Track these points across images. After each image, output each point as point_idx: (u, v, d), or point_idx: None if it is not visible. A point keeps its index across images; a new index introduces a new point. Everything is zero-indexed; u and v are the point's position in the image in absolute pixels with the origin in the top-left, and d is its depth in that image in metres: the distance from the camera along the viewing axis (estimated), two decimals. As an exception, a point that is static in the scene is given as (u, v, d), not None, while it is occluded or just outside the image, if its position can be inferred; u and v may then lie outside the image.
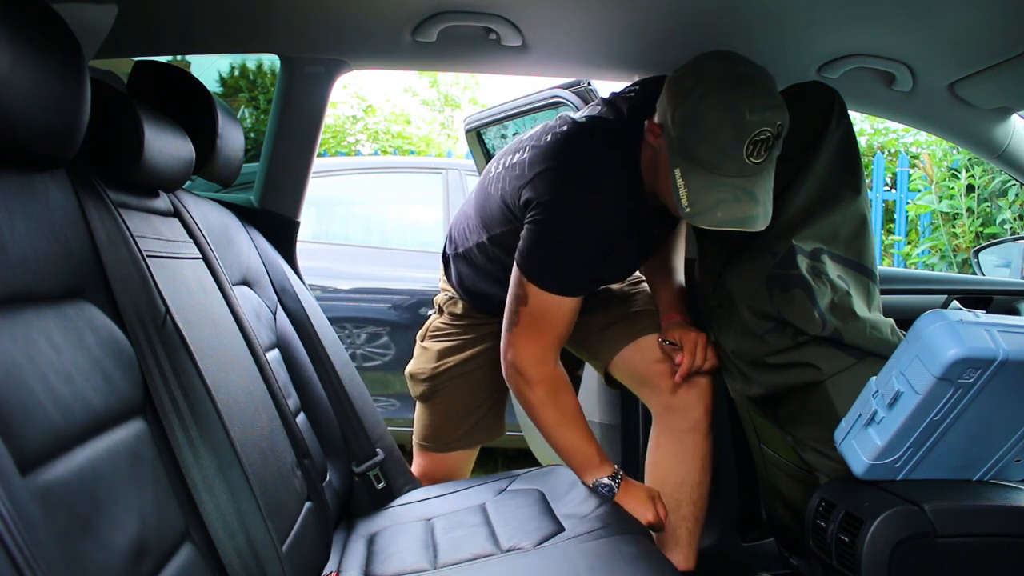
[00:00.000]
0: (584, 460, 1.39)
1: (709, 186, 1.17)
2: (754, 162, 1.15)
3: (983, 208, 4.54)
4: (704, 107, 1.15)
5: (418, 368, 1.70)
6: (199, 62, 4.29)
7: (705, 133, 1.15)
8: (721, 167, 1.15)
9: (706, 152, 1.15)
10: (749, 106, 1.13)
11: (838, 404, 1.21)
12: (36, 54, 0.70)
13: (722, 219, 1.17)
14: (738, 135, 1.13)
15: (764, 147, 1.14)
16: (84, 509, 0.66)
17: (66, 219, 0.79)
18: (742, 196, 1.16)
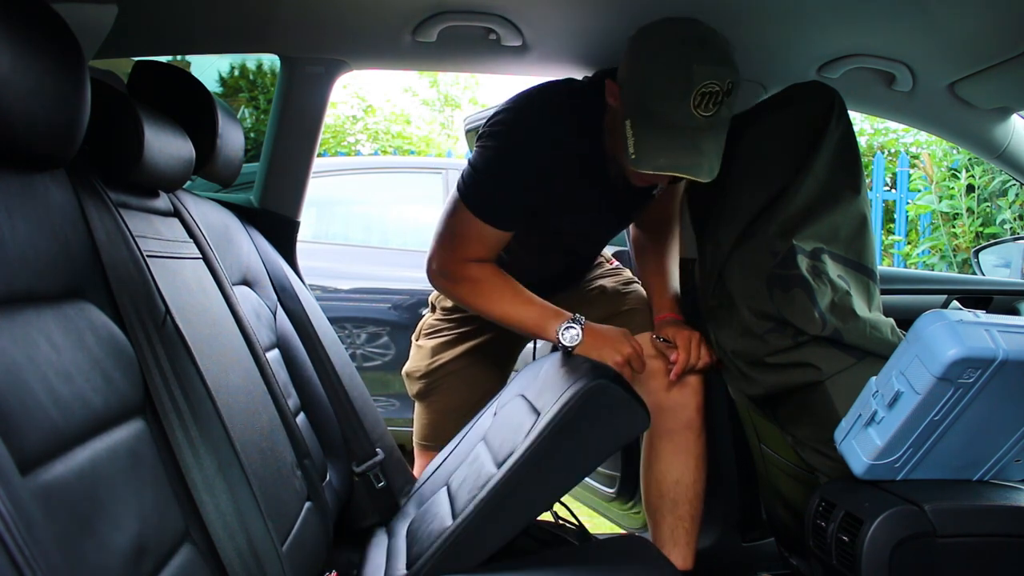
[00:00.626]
0: (537, 318, 1.40)
1: (656, 134, 1.21)
2: (702, 115, 1.19)
3: (983, 208, 4.54)
4: (655, 60, 1.21)
5: (414, 366, 1.71)
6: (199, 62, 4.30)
7: (654, 84, 1.21)
8: (669, 117, 1.20)
9: (654, 102, 1.21)
10: (697, 59, 1.18)
11: (838, 404, 1.21)
12: (36, 54, 0.70)
13: (664, 164, 1.22)
14: (685, 85, 1.18)
15: (712, 101, 1.19)
16: (84, 509, 0.66)
17: (66, 219, 0.79)
18: (688, 145, 1.21)
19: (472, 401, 1.69)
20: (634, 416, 1.12)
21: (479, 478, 1.15)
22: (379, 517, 1.48)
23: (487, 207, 1.39)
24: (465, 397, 1.69)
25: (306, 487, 1.20)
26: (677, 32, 1.23)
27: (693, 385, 1.50)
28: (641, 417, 1.12)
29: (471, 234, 1.40)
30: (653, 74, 1.21)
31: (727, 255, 1.37)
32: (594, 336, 1.39)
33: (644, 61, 1.23)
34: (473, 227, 1.40)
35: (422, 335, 1.75)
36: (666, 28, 1.24)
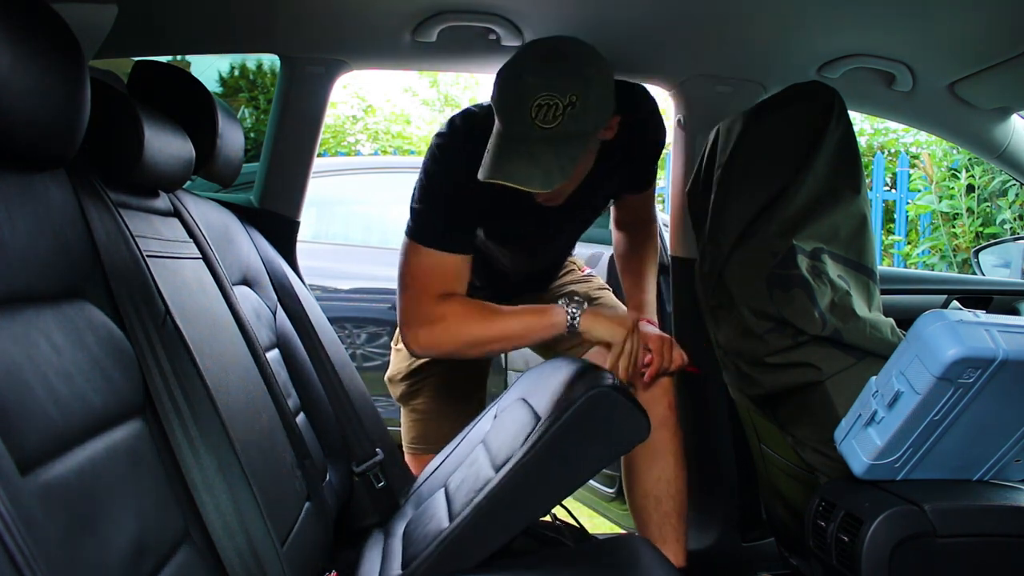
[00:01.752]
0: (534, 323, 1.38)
1: (498, 146, 1.24)
2: (541, 126, 1.20)
3: (983, 208, 4.54)
4: (499, 79, 1.26)
5: (395, 370, 1.72)
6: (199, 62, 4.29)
7: (499, 98, 1.25)
8: (510, 129, 1.23)
9: (501, 116, 1.24)
10: (532, 71, 1.21)
11: (838, 404, 1.21)
12: (36, 54, 0.70)
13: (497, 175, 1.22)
14: (520, 96, 1.21)
15: (552, 113, 1.20)
16: (84, 508, 0.66)
17: (66, 219, 0.79)
18: (522, 157, 1.22)
19: (452, 404, 1.70)
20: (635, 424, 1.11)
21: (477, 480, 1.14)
22: (379, 517, 1.48)
23: (435, 234, 1.38)
24: (447, 399, 1.70)
25: (306, 487, 1.20)
26: (527, 51, 1.27)
27: (664, 384, 1.49)
28: (642, 426, 1.11)
29: (432, 269, 1.39)
30: (497, 88, 1.26)
31: (727, 255, 1.37)
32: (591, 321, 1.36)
33: (496, 82, 1.27)
34: (431, 260, 1.38)
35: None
36: (522, 51, 1.28)
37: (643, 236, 1.70)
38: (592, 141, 1.29)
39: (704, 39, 1.59)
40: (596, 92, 1.23)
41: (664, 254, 2.00)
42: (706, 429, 1.67)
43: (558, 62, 1.22)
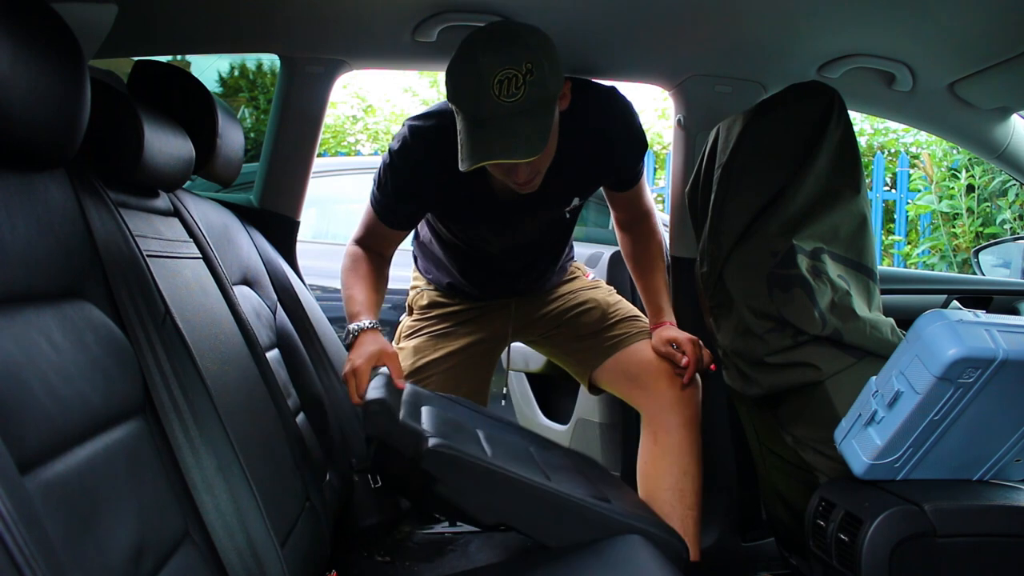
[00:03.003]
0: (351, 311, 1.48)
1: (475, 133, 1.27)
2: (508, 100, 1.24)
3: (983, 208, 4.54)
4: (452, 69, 1.28)
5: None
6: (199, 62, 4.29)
7: (458, 87, 1.28)
8: (479, 112, 1.26)
9: (464, 104, 1.27)
10: (483, 51, 1.24)
11: (838, 404, 1.21)
12: (36, 54, 0.70)
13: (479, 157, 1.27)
14: (478, 80, 1.24)
15: (514, 84, 1.23)
16: (84, 508, 0.66)
17: (66, 218, 0.79)
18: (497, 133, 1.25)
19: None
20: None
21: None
22: (380, 516, 1.48)
23: (381, 209, 1.55)
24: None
25: (306, 487, 1.20)
26: (470, 37, 1.29)
27: (697, 384, 1.59)
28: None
29: (373, 226, 1.57)
30: (453, 78, 1.28)
31: (727, 255, 1.37)
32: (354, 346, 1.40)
33: (448, 70, 1.30)
34: (371, 216, 1.57)
35: (402, 338, 1.77)
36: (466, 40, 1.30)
37: (645, 234, 1.71)
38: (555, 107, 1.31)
39: (704, 39, 1.59)
40: (547, 55, 1.27)
41: (664, 254, 2.00)
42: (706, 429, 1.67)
43: (503, 38, 1.26)
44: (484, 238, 1.62)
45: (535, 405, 2.43)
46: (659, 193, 4.90)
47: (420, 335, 1.73)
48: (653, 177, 5.64)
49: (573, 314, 1.73)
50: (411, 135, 1.47)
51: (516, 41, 1.25)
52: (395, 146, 1.49)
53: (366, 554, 1.41)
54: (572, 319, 1.73)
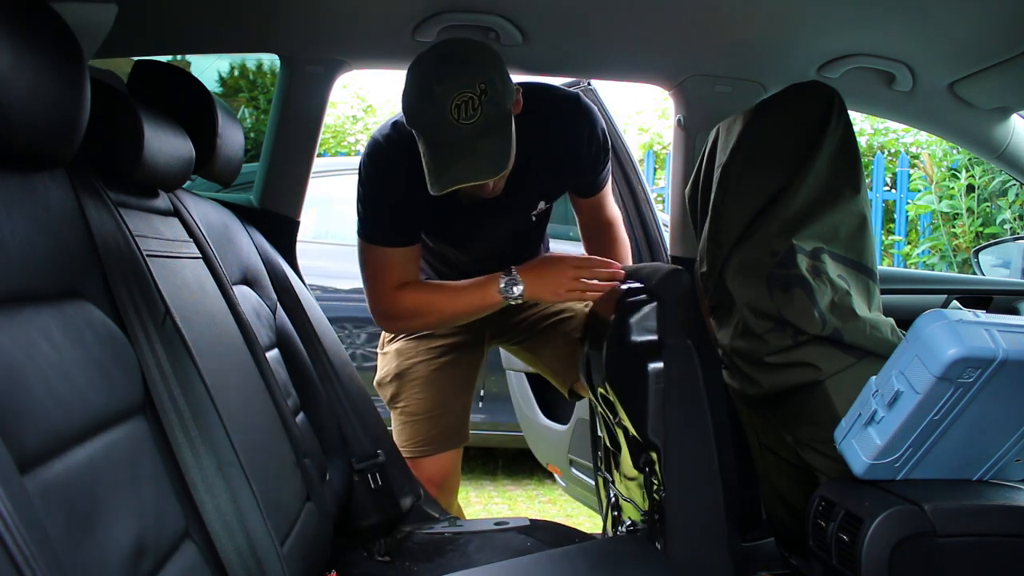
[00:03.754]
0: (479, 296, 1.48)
1: (440, 157, 1.29)
2: (467, 123, 1.26)
3: (983, 208, 4.54)
4: (408, 95, 1.30)
5: (383, 374, 1.73)
6: (199, 62, 4.29)
7: (416, 115, 1.30)
8: (440, 136, 1.28)
9: (424, 130, 1.30)
10: (438, 77, 1.26)
11: (838, 404, 1.21)
12: (36, 54, 0.70)
13: (448, 180, 1.29)
14: (436, 106, 1.25)
15: (470, 107, 1.25)
16: (84, 508, 0.66)
17: (65, 218, 0.79)
18: (463, 155, 1.27)
19: (441, 404, 1.71)
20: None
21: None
22: (380, 517, 1.48)
23: (381, 233, 1.50)
24: (429, 404, 1.71)
25: (306, 487, 1.20)
26: (420, 61, 1.31)
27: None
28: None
29: (382, 263, 1.51)
30: (410, 107, 1.30)
31: (727, 255, 1.37)
32: (533, 279, 1.45)
33: (404, 98, 1.31)
34: (379, 256, 1.51)
35: (385, 343, 1.78)
36: (417, 60, 1.32)
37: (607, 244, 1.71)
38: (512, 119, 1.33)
39: (704, 39, 1.59)
40: (497, 71, 1.30)
41: (664, 254, 2.00)
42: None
43: (453, 62, 1.28)
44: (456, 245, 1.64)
45: (535, 405, 2.43)
46: (659, 193, 4.90)
47: (401, 339, 1.74)
48: (653, 177, 5.64)
49: (551, 322, 1.75)
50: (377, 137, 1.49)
51: (467, 64, 1.27)
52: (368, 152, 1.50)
53: (366, 554, 1.41)
54: (550, 327, 1.75)
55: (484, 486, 3.40)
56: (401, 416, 1.72)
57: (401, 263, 1.52)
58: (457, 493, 1.86)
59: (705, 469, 1.22)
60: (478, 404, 3.18)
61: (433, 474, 1.71)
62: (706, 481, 1.21)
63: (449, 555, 1.38)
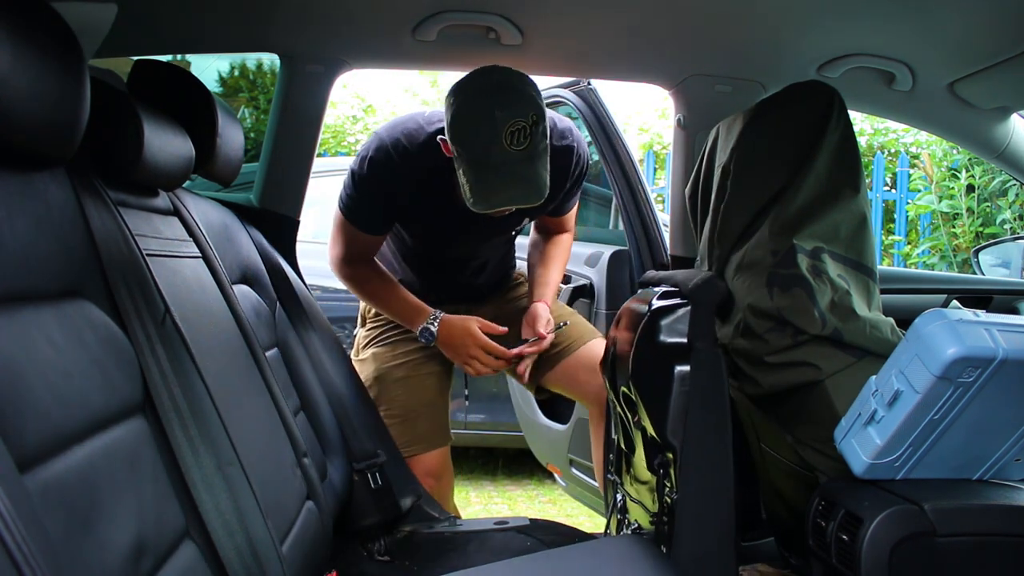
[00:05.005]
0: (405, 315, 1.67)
1: (483, 177, 1.38)
2: (516, 149, 1.35)
3: (983, 208, 4.54)
4: (464, 112, 1.38)
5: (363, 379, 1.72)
6: (199, 62, 4.29)
7: (470, 134, 1.37)
8: (488, 158, 1.36)
9: (474, 149, 1.37)
10: (498, 104, 1.35)
11: (838, 403, 1.21)
12: (36, 53, 0.70)
13: (496, 202, 1.40)
14: (492, 128, 1.34)
15: (522, 135, 1.35)
16: (83, 507, 0.66)
17: (65, 217, 0.79)
18: (512, 180, 1.37)
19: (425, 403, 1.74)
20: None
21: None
22: (380, 516, 1.48)
23: (358, 218, 1.61)
24: (418, 400, 1.73)
25: (306, 486, 1.20)
26: (478, 84, 1.40)
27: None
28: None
29: (352, 238, 1.64)
30: (465, 127, 1.38)
31: (727, 255, 1.37)
32: (444, 336, 1.64)
33: (457, 117, 1.39)
34: (352, 232, 1.63)
35: (360, 349, 1.81)
36: (467, 82, 1.41)
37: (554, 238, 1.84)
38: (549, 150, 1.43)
39: (703, 39, 1.59)
40: (543, 104, 1.40)
41: (664, 253, 2.00)
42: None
43: (512, 91, 1.38)
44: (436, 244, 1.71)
45: (535, 405, 2.43)
46: (659, 193, 4.90)
47: (377, 344, 1.77)
48: (653, 177, 5.64)
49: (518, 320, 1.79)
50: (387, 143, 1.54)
51: (524, 94, 1.38)
52: (369, 153, 1.56)
53: (366, 554, 1.41)
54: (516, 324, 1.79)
55: (484, 486, 3.40)
56: (387, 419, 1.72)
57: (368, 244, 1.66)
58: (453, 491, 1.87)
59: (721, 474, 1.23)
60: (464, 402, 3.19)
61: (427, 471, 1.72)
62: (720, 486, 1.23)
63: (449, 555, 1.39)
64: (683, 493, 1.23)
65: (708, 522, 1.23)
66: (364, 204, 1.59)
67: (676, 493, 1.25)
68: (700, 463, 1.23)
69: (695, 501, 1.23)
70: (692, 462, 1.23)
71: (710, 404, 1.24)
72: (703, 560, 1.23)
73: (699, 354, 1.24)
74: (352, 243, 1.65)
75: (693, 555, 1.22)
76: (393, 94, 7.49)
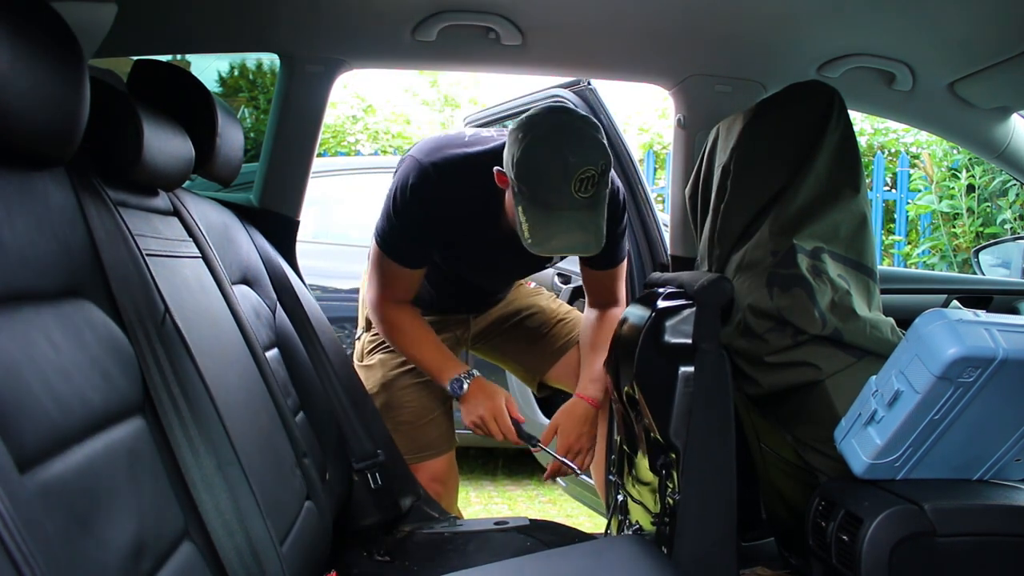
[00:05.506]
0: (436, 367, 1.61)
1: (545, 219, 1.35)
2: (582, 196, 1.33)
3: (983, 208, 4.53)
4: (536, 152, 1.34)
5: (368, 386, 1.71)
6: (199, 62, 4.29)
7: (539, 175, 1.33)
8: (554, 202, 1.33)
9: (540, 190, 1.34)
10: (571, 150, 1.32)
11: (838, 403, 1.21)
12: (36, 53, 0.70)
13: (557, 247, 1.38)
14: (564, 174, 1.31)
15: (590, 183, 1.33)
16: (83, 507, 0.66)
17: (65, 218, 0.79)
18: (574, 226, 1.35)
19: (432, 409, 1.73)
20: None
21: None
22: (379, 516, 1.48)
23: (397, 252, 1.56)
24: (426, 406, 1.72)
25: (305, 486, 1.20)
26: (551, 124, 1.36)
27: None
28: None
29: (392, 275, 1.59)
30: (536, 166, 1.34)
31: (727, 255, 1.37)
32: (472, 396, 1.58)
33: (527, 155, 1.35)
34: (392, 268, 1.58)
35: (365, 355, 1.79)
36: (538, 120, 1.37)
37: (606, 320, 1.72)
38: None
39: (704, 39, 1.59)
40: (609, 152, 1.37)
41: (664, 254, 2.00)
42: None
43: (587, 137, 1.35)
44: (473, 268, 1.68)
45: (535, 405, 2.43)
46: (659, 193, 4.90)
47: (384, 349, 1.75)
48: (653, 177, 5.64)
49: (517, 320, 1.81)
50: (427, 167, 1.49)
51: (597, 141, 1.35)
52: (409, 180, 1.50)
53: (366, 554, 1.41)
54: (516, 324, 1.80)
55: (484, 486, 3.40)
56: (391, 424, 1.72)
57: (407, 280, 1.60)
58: (457, 495, 1.87)
59: (723, 476, 1.23)
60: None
61: (435, 476, 1.72)
62: (722, 487, 1.23)
63: (449, 555, 1.38)
64: (685, 494, 1.23)
65: (709, 523, 1.23)
66: (406, 235, 1.53)
67: (678, 494, 1.25)
68: (703, 464, 1.23)
69: (697, 502, 1.23)
70: (695, 463, 1.23)
71: (714, 405, 1.23)
72: (704, 561, 1.23)
73: (704, 355, 1.24)
74: (393, 281, 1.60)
75: (694, 556, 1.23)
76: (393, 94, 7.49)
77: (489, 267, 1.68)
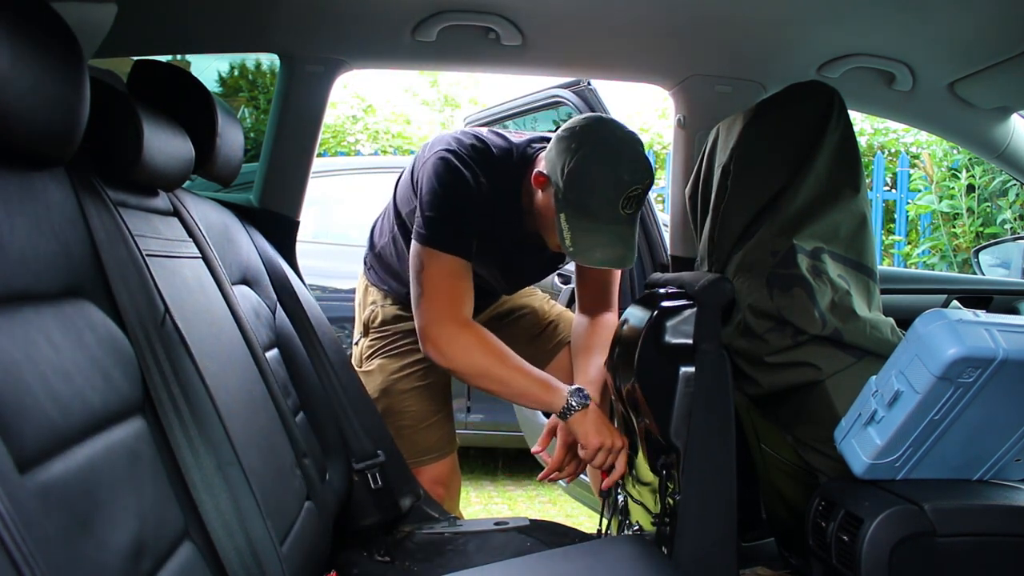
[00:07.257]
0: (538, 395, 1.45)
1: (589, 231, 1.37)
2: (626, 213, 1.37)
3: (983, 208, 4.54)
4: (589, 165, 1.35)
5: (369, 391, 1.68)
6: (199, 62, 4.29)
7: (590, 187, 1.35)
8: (600, 216, 1.36)
9: (589, 202, 1.36)
10: (626, 168, 1.35)
11: (838, 403, 1.21)
12: (36, 53, 0.70)
13: (600, 259, 1.39)
14: (616, 191, 1.35)
15: (636, 201, 1.37)
16: (83, 508, 0.66)
17: (65, 218, 0.79)
18: (616, 241, 1.38)
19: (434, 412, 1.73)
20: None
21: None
22: (379, 516, 1.48)
23: (451, 240, 1.44)
24: (428, 409, 1.72)
25: (305, 486, 1.20)
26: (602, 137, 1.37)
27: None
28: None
29: (453, 273, 1.44)
30: (590, 179, 1.35)
31: (727, 255, 1.37)
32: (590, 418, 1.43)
33: (581, 166, 1.35)
34: (450, 264, 1.44)
35: (363, 361, 1.77)
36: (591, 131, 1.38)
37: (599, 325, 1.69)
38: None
39: (704, 39, 1.59)
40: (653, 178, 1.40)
41: (664, 254, 2.00)
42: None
43: (639, 155, 1.38)
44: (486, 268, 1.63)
45: (535, 405, 2.43)
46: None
47: (383, 354, 1.74)
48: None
49: (510, 319, 1.80)
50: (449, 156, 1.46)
51: (646, 158, 1.38)
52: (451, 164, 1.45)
53: (366, 554, 1.41)
54: (509, 324, 1.79)
55: (484, 486, 3.40)
56: (392, 430, 1.72)
57: (468, 283, 1.46)
58: (459, 497, 1.87)
59: (723, 476, 1.23)
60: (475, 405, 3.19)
61: (437, 479, 1.72)
62: (722, 488, 1.23)
63: (449, 555, 1.38)
64: (686, 495, 1.23)
65: (710, 524, 1.23)
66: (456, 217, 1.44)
67: (678, 494, 1.25)
68: (703, 465, 1.23)
69: (697, 502, 1.23)
70: (695, 464, 1.23)
71: (714, 406, 1.24)
72: (704, 561, 1.23)
73: (704, 355, 1.25)
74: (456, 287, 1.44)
75: (694, 557, 1.23)
76: (393, 94, 7.49)
77: (505, 266, 1.65)
